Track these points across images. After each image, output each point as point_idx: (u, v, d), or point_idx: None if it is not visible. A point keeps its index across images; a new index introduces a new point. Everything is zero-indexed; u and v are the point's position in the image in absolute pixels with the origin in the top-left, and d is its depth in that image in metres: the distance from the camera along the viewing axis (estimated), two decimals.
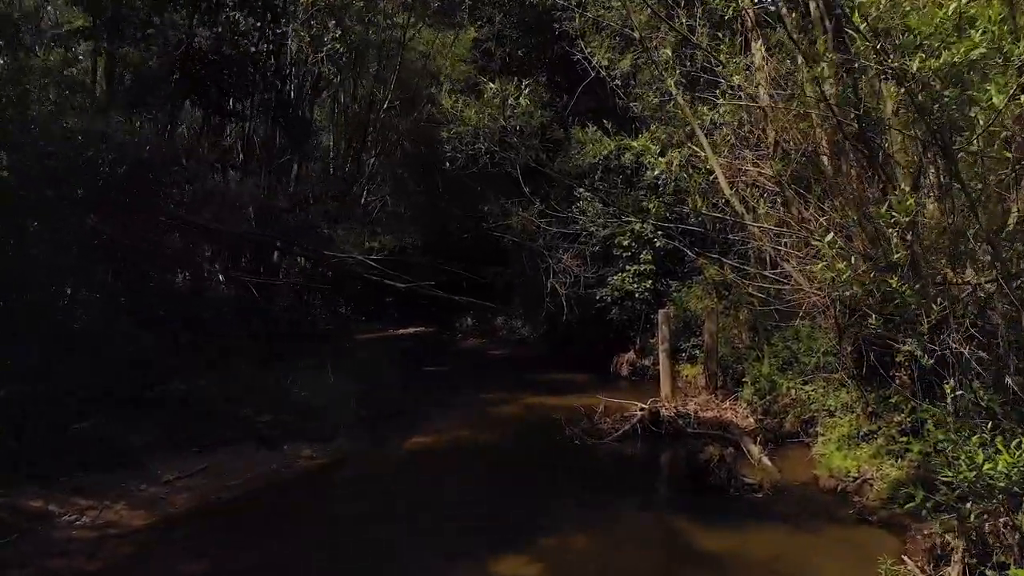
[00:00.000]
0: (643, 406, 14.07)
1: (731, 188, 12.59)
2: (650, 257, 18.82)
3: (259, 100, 15.90)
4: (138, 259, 12.08)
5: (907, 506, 9.37)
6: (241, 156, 16.64)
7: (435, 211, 26.77)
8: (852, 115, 11.49)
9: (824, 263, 12.15)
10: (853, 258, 8.58)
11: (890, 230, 10.53)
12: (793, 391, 13.39)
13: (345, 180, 17.88)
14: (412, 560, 8.51)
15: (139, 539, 8.93)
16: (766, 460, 11.83)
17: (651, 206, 17.80)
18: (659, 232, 18.41)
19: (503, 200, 19.36)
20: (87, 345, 10.59)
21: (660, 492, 11.24)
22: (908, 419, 10.30)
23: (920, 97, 6.90)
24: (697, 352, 18.65)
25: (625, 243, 18.76)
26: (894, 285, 10.28)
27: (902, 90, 7.83)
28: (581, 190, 16.39)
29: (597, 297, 19.32)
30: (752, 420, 14.41)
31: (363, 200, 23.51)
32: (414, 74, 24.20)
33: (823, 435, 12.31)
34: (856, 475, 10.47)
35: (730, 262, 12.42)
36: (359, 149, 18.53)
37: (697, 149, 13.01)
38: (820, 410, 12.89)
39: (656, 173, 12.53)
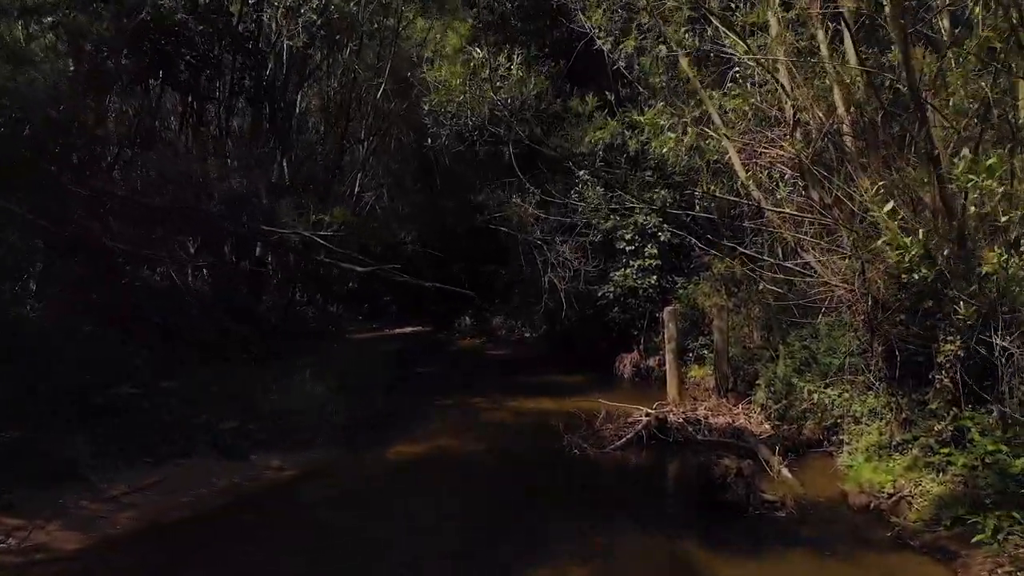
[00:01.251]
0: (649, 411, 12.74)
1: (746, 171, 11.26)
2: (655, 251, 17.48)
3: (236, 82, 14.62)
4: (94, 247, 10.79)
5: (954, 528, 8.09)
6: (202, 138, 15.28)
7: (433, 207, 25.54)
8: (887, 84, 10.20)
9: (848, 255, 10.87)
10: (921, 232, 7.13)
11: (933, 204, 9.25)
12: (815, 395, 12.02)
13: (328, 169, 16.57)
14: None
15: (68, 565, 7.64)
16: (786, 472, 10.49)
17: (656, 196, 16.48)
18: (664, 225, 17.06)
19: (498, 190, 18.03)
20: (24, 344, 9.31)
21: (669, 510, 9.87)
22: (950, 427, 8.95)
23: None
24: (705, 352, 17.31)
25: (628, 236, 17.42)
26: (937, 268, 9.01)
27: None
28: (581, 173, 14.97)
29: (599, 294, 17.99)
30: (767, 426, 13.09)
31: (353, 193, 22.32)
32: (409, 64, 23.02)
33: (849, 444, 10.97)
34: (891, 491, 9.12)
35: (746, 251, 11.03)
36: (342, 135, 17.23)
37: (709, 132, 11.69)
38: (844, 416, 11.54)
39: (664, 151, 11.18)
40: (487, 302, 26.30)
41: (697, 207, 17.39)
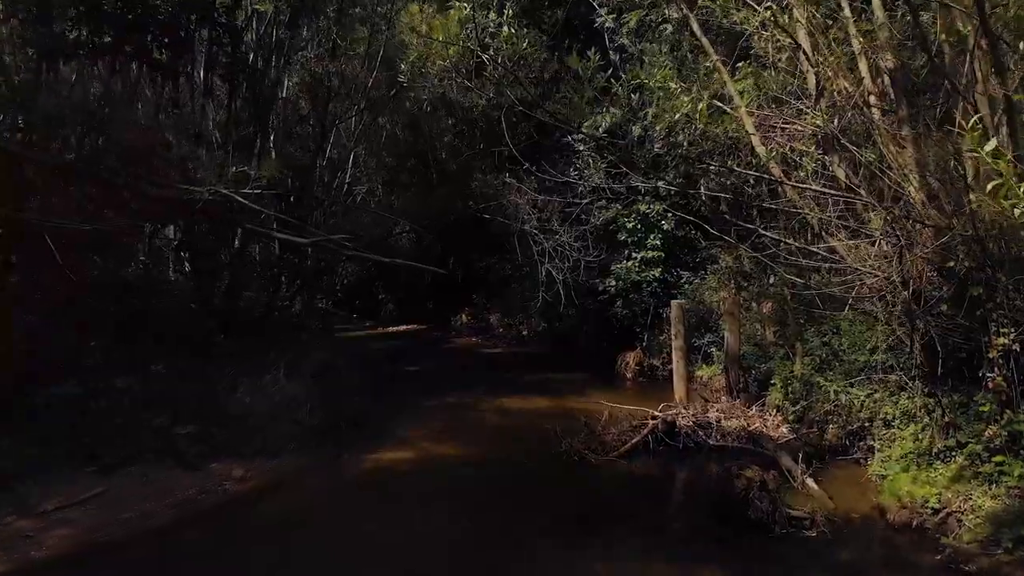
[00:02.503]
0: (656, 413, 11.50)
1: (766, 147, 10.00)
2: (658, 242, 16.23)
3: (207, 58, 13.38)
4: (34, 231, 9.52)
5: (1017, 551, 6.84)
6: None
7: (427, 201, 24.25)
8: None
9: (880, 238, 9.62)
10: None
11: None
12: (841, 395, 10.76)
13: (309, 151, 15.33)
14: None
15: None
16: (811, 483, 9.24)
17: (661, 180, 15.17)
18: (668, 213, 15.81)
19: (493, 179, 16.78)
20: None
21: (682, 530, 8.55)
22: (1004, 432, 7.69)
23: None
24: (713, 351, 16.08)
25: (630, 226, 16.16)
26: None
27: None
28: (582, 148, 13.57)
29: (600, 288, 16.71)
30: (785, 430, 11.82)
31: (340, 184, 21.07)
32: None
33: (880, 451, 9.72)
34: (936, 505, 7.87)
35: (769, 234, 9.76)
36: (321, 117, 15.98)
37: (723, 105, 10.44)
38: (872, 419, 10.29)
39: (676, 117, 9.94)
40: (484, 299, 25.08)
41: (702, 188, 16.08)
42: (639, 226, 16.16)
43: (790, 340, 13.61)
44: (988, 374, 7.87)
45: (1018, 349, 7.60)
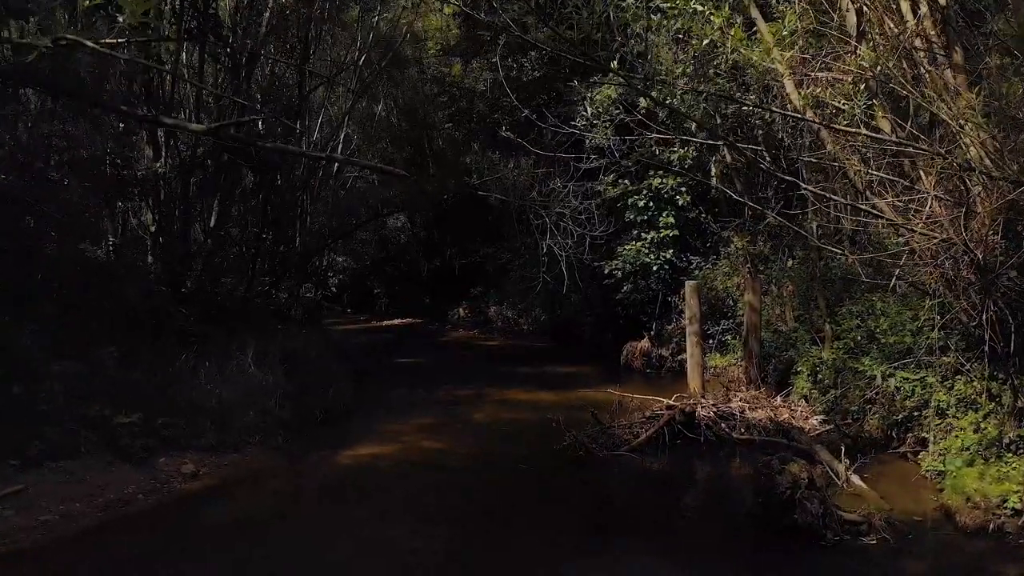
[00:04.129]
0: (672, 403, 10.06)
1: (800, 92, 8.56)
2: (672, 220, 14.77)
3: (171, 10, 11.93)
4: None
5: None
6: None
7: (423, 185, 22.81)
8: None
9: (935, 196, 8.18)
10: None
11: None
12: (887, 381, 9.30)
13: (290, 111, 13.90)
14: None
15: None
16: (858, 480, 7.79)
17: (675, 156, 13.78)
18: (683, 188, 14.36)
19: (492, 151, 15.36)
20: None
21: (713, 537, 7.09)
22: None
23: None
24: (728, 338, 14.64)
25: (641, 204, 14.71)
26: None
27: None
28: (582, 92, 11.83)
29: (606, 271, 15.26)
30: (815, 422, 10.40)
31: (329, 167, 19.65)
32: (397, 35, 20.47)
33: (934, 443, 8.26)
34: (1018, 505, 6.41)
35: (810, 188, 8.32)
36: (299, 83, 14.55)
37: (752, 47, 9.01)
38: (922, 408, 8.84)
39: (705, 43, 8.52)
40: (483, 291, 23.67)
41: (714, 172, 14.70)
42: (650, 203, 14.71)
43: (817, 323, 12.18)
44: None
45: None
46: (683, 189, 14.61)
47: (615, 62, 8.32)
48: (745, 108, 9.78)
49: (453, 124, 21.84)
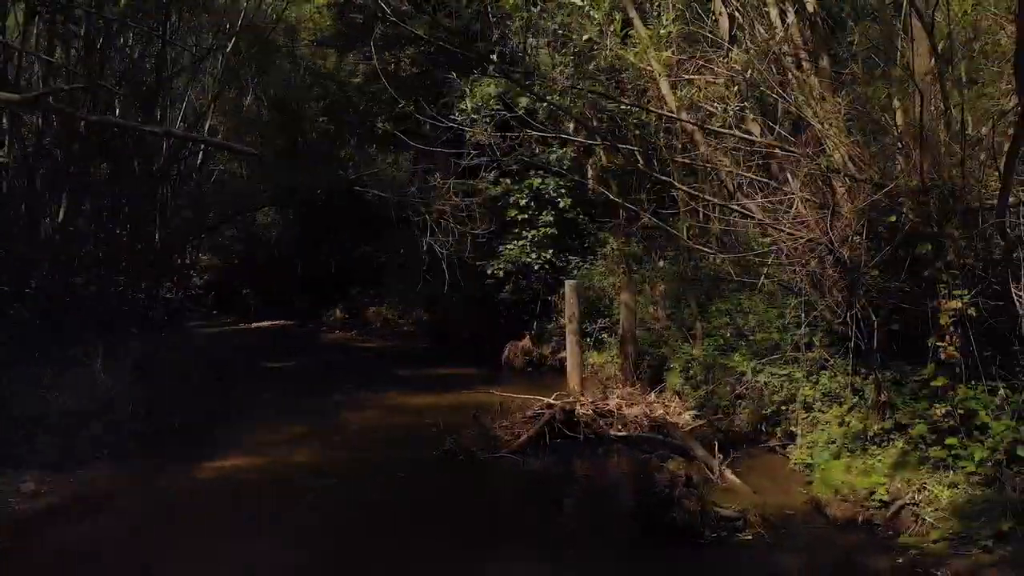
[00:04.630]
0: (551, 402, 9.88)
1: (675, 93, 8.59)
2: (551, 220, 14.69)
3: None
4: None
5: (1000, 547, 5.62)
6: None
7: (296, 178, 21.63)
8: None
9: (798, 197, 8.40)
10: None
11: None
12: (759, 377, 9.49)
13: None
14: None
15: None
16: (731, 475, 7.86)
17: (553, 156, 13.70)
18: (563, 190, 14.31)
19: (369, 146, 14.73)
20: None
21: (594, 538, 6.91)
22: (960, 410, 6.52)
23: None
24: (605, 336, 14.70)
25: (522, 203, 14.53)
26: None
27: None
28: (462, 87, 11.45)
29: (488, 272, 14.98)
30: (688, 417, 10.52)
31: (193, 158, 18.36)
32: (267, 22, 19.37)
33: (802, 437, 8.48)
34: (884, 497, 6.61)
35: (684, 188, 8.33)
36: (157, 67, 13.42)
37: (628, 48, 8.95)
38: (788, 402, 9.07)
39: (585, 39, 8.37)
40: (360, 291, 22.79)
41: (591, 174, 14.79)
42: (531, 203, 14.57)
43: (688, 322, 12.41)
44: (938, 344, 6.68)
45: (973, 313, 6.46)
46: (563, 190, 14.57)
47: (494, 55, 8.01)
48: (623, 108, 9.75)
49: (328, 117, 20.90)
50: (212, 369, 13.59)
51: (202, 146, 19.23)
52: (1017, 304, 6.37)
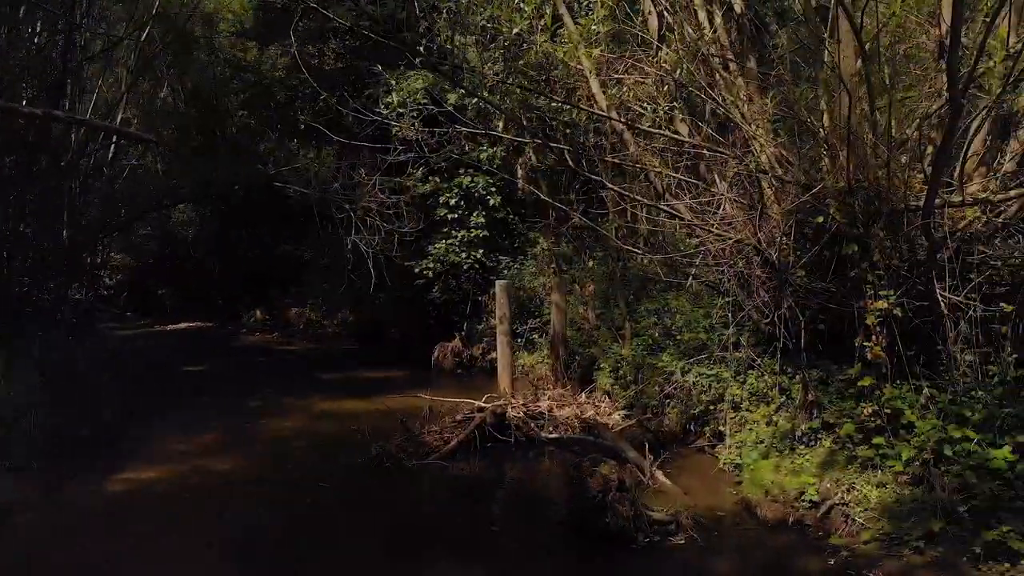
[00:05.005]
0: (482, 405, 9.61)
1: (605, 92, 8.43)
2: (482, 220, 14.39)
3: None
4: None
5: (931, 548, 5.62)
6: None
7: (212, 173, 20.61)
8: None
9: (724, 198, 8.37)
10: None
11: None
12: (687, 377, 9.44)
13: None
14: None
15: None
16: (662, 476, 7.73)
17: (484, 155, 13.39)
18: (494, 188, 14.02)
19: (288, 140, 14.09)
20: None
21: (525, 545, 6.64)
22: (886, 409, 6.54)
23: None
24: (536, 337, 14.51)
25: (452, 202, 14.17)
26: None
27: None
28: (388, 80, 11.00)
29: (416, 271, 14.56)
30: (618, 417, 10.42)
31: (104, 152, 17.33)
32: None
33: (730, 436, 8.44)
34: (813, 498, 6.58)
35: (614, 188, 8.16)
36: (63, 55, 12.53)
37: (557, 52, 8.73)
38: (716, 402, 9.05)
39: (515, 32, 8.10)
40: (282, 291, 21.93)
41: (520, 173, 14.58)
42: (461, 202, 14.22)
43: (617, 322, 12.34)
44: (865, 344, 6.70)
45: (899, 314, 6.49)
46: (493, 189, 14.28)
47: (422, 48, 7.67)
48: (553, 105, 9.54)
49: (248, 111, 20.02)
50: (124, 373, 12.75)
51: (114, 139, 18.23)
52: (941, 304, 6.44)
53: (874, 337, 6.67)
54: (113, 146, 18.08)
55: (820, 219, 6.89)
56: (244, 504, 7.41)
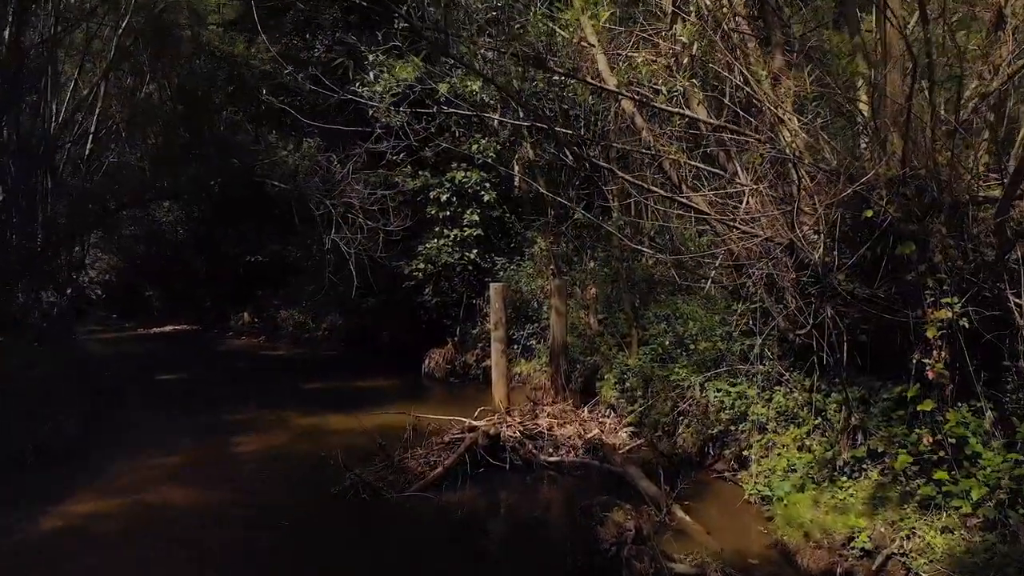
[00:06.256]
0: (473, 423, 8.48)
1: (612, 71, 7.24)
2: (476, 218, 13.20)
3: None
4: None
5: None
6: None
7: (204, 179, 19.46)
8: None
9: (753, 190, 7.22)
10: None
11: None
12: (703, 392, 8.29)
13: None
14: None
15: None
16: (681, 512, 6.57)
17: (477, 145, 12.20)
18: (487, 184, 12.85)
19: (267, 131, 12.90)
20: None
21: None
22: (951, 438, 5.39)
23: None
24: (534, 343, 13.36)
25: (443, 198, 12.97)
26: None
27: None
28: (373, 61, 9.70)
29: (406, 272, 13.39)
30: (625, 435, 9.27)
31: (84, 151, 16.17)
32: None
33: (757, 463, 7.28)
34: (867, 545, 5.42)
35: (639, 183, 7.00)
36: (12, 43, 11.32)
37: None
38: (738, 421, 7.89)
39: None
40: (271, 293, 20.74)
41: (517, 169, 13.43)
42: (453, 198, 13.03)
43: (622, 328, 11.19)
44: (924, 360, 5.54)
45: (965, 325, 5.34)
46: (488, 185, 13.11)
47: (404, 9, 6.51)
48: (554, 79, 8.36)
49: (236, 106, 18.85)
50: (90, 384, 11.60)
51: (91, 134, 17.07)
52: (1016, 314, 5.29)
53: (935, 353, 5.51)
54: (90, 141, 16.92)
55: (869, 213, 5.72)
56: (197, 543, 6.25)
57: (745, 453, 7.53)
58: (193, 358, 16.46)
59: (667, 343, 9.83)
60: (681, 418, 8.76)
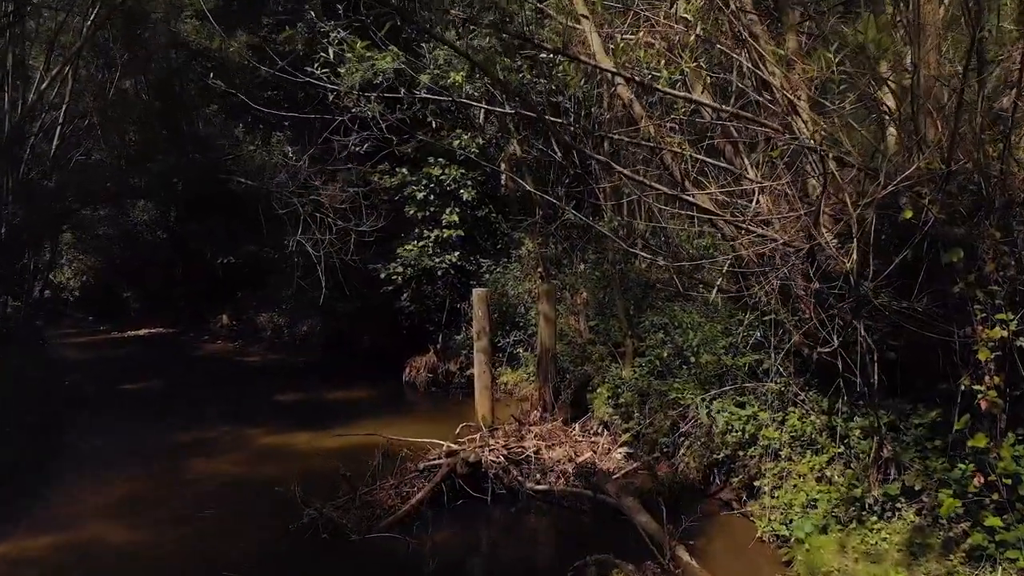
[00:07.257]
0: (452, 447, 7.54)
1: (608, 55, 6.31)
2: (456, 218, 12.22)
3: None
4: None
5: None
6: None
7: (180, 179, 18.40)
8: None
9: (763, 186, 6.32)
10: None
11: None
12: (707, 412, 7.38)
13: None
14: None
15: None
16: (686, 556, 5.64)
17: (459, 141, 11.24)
18: (468, 181, 11.88)
19: (234, 125, 11.92)
20: None
21: None
22: (1007, 476, 4.51)
23: None
24: (520, 351, 12.42)
25: (420, 196, 11.98)
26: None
27: None
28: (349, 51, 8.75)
29: (382, 276, 12.41)
30: (619, 456, 8.36)
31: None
32: None
33: (770, 496, 6.36)
34: None
35: (626, 172, 6.08)
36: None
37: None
38: (746, 445, 6.98)
39: None
40: (249, 293, 19.68)
41: (503, 167, 12.50)
42: (431, 196, 12.04)
43: (615, 336, 10.27)
44: (975, 387, 4.64)
45: (1021, 345, 4.46)
46: (468, 183, 12.12)
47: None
48: (541, 57, 7.45)
49: (212, 101, 17.81)
50: (45, 396, 10.60)
51: (58, 129, 16.01)
52: None
53: (987, 378, 4.62)
54: (57, 137, 15.85)
55: (909, 214, 4.83)
56: None
57: (756, 483, 6.64)
58: (164, 365, 15.42)
59: (665, 355, 8.92)
60: (682, 439, 7.86)
